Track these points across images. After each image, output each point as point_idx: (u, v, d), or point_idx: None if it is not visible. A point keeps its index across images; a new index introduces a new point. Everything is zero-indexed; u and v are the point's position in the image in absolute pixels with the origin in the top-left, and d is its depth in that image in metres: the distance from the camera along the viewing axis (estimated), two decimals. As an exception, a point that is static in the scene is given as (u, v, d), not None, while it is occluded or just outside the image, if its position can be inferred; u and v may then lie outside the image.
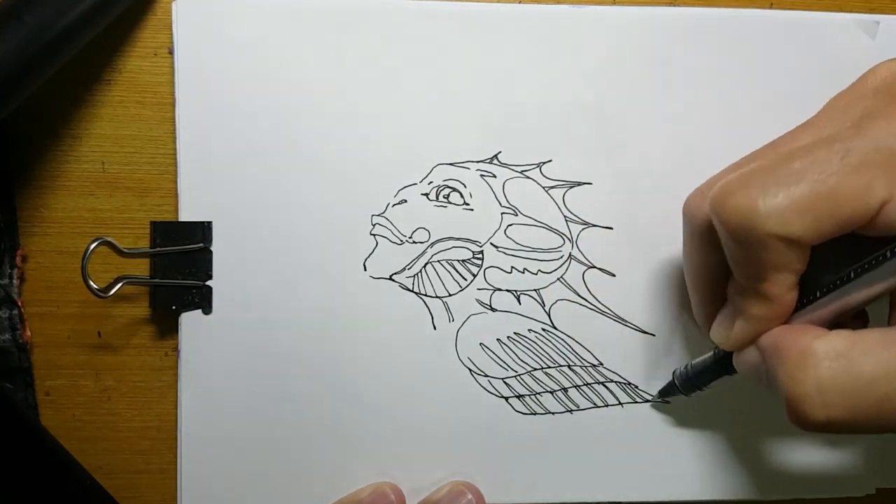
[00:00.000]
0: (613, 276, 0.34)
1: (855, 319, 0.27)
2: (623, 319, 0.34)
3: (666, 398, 0.33)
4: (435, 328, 0.33)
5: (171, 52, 0.32)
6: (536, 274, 0.33)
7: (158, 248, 0.32)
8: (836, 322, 0.26)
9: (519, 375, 0.33)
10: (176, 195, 0.33)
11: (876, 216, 0.23)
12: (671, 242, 0.33)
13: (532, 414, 0.33)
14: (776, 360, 0.25)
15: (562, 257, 0.33)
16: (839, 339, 0.24)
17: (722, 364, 0.29)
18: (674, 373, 0.33)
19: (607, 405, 0.34)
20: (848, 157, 0.23)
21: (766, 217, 0.23)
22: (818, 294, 0.25)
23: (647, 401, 0.34)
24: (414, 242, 0.33)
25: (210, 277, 0.33)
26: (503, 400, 0.33)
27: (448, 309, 0.33)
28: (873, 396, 0.23)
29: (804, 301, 0.26)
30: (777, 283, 0.25)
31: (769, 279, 0.25)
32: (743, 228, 0.23)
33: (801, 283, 0.25)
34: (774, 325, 0.26)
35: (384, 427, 0.33)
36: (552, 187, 0.33)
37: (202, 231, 0.32)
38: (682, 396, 0.33)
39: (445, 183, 0.33)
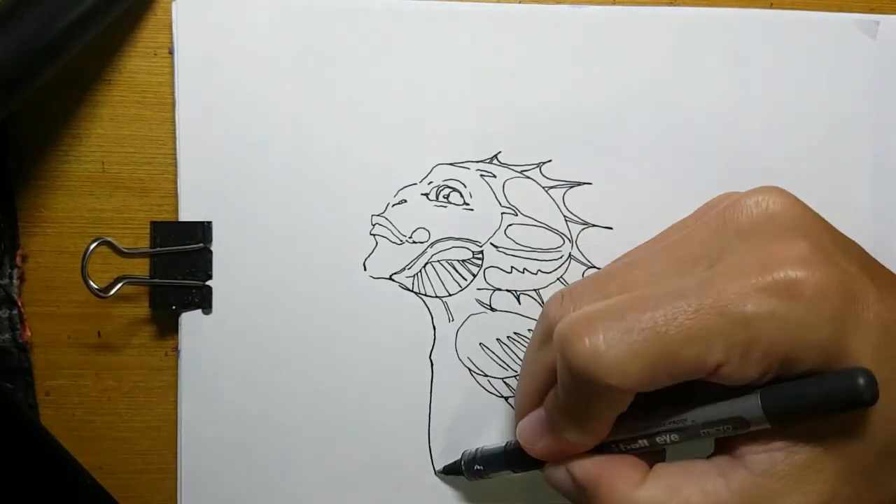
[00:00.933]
0: (613, 276, 0.34)
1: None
2: (623, 319, 0.34)
3: (450, 474, 0.33)
4: (435, 328, 0.33)
5: (171, 52, 0.32)
6: (536, 274, 0.33)
7: (158, 248, 0.32)
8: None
9: (519, 375, 0.33)
10: (176, 195, 0.33)
11: (710, 375, 0.23)
12: (671, 242, 0.34)
13: (532, 414, 0.33)
14: (595, 500, 0.26)
15: (562, 257, 0.33)
16: (659, 489, 0.25)
17: (512, 460, 0.30)
18: (463, 453, 0.32)
19: (607, 405, 0.34)
20: (694, 319, 0.23)
21: (607, 370, 0.23)
22: (643, 443, 0.26)
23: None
24: (414, 242, 0.33)
25: (210, 277, 0.33)
26: (503, 400, 0.33)
27: (448, 309, 0.33)
28: None
29: (622, 431, 0.26)
30: (600, 421, 0.25)
31: (594, 418, 0.25)
32: (584, 375, 0.24)
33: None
34: (584, 450, 0.26)
35: (384, 427, 0.33)
36: (552, 187, 0.33)
37: (202, 231, 0.32)
38: (463, 478, 0.32)
39: (445, 183, 0.33)
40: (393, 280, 0.33)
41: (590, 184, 0.33)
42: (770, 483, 0.23)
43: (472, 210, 0.33)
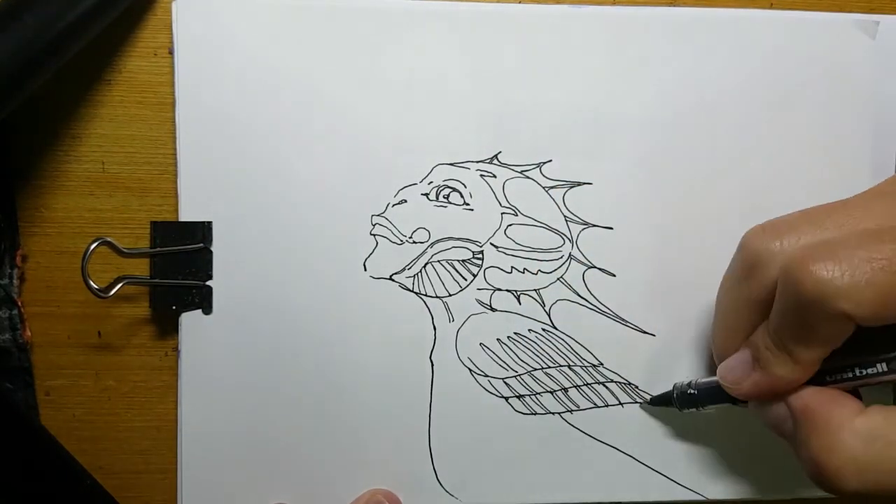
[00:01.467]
0: (613, 276, 0.34)
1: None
2: (623, 319, 0.34)
3: (658, 405, 0.33)
4: (435, 328, 0.33)
5: (171, 52, 0.32)
6: (536, 274, 0.33)
7: (158, 248, 0.32)
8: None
9: (519, 375, 0.33)
10: (176, 195, 0.33)
11: None
12: (671, 242, 0.34)
13: (532, 414, 0.33)
14: (809, 428, 0.26)
15: (562, 257, 0.33)
16: (876, 420, 0.25)
17: (731, 396, 0.29)
18: (674, 385, 0.33)
19: (607, 405, 0.34)
20: None
21: (844, 296, 0.24)
22: (856, 372, 0.26)
23: (638, 402, 0.34)
24: (414, 242, 0.33)
25: (210, 277, 0.33)
26: (503, 400, 0.33)
27: (448, 309, 0.33)
28: None
29: (835, 369, 0.26)
30: (813, 351, 0.26)
31: (811, 347, 0.25)
32: (816, 299, 0.24)
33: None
34: (792, 387, 0.27)
35: (384, 427, 0.33)
36: (552, 187, 0.33)
37: (202, 231, 0.32)
38: (673, 409, 0.32)
39: (445, 183, 0.33)
40: (393, 280, 0.33)
41: (590, 184, 0.33)
42: None
43: (472, 210, 0.33)
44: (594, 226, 0.34)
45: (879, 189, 0.28)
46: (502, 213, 0.33)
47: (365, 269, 0.33)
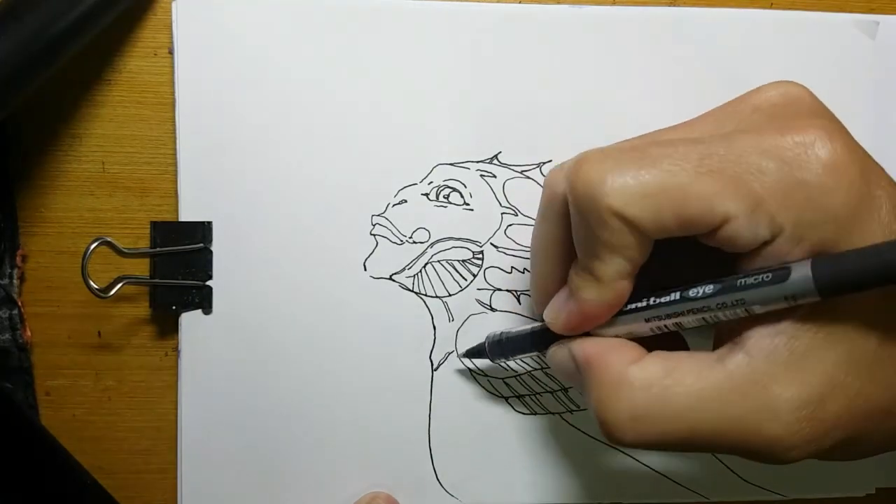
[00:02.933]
0: (613, 276, 0.33)
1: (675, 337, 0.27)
2: (623, 319, 0.34)
3: (472, 358, 0.33)
4: (435, 328, 0.33)
5: (171, 52, 0.32)
6: (536, 274, 0.33)
7: (158, 248, 0.32)
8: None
9: (519, 375, 0.33)
10: (176, 195, 0.33)
11: (718, 229, 0.23)
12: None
13: (532, 414, 0.34)
14: (589, 378, 0.25)
15: (562, 257, 0.33)
16: (653, 367, 0.24)
17: (535, 341, 0.29)
18: (487, 336, 0.32)
19: (607, 405, 0.34)
20: (707, 160, 0.22)
21: (610, 192, 0.23)
22: (648, 301, 0.25)
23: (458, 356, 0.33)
24: (414, 242, 0.33)
25: (210, 277, 0.33)
26: (503, 400, 0.33)
27: (448, 309, 0.33)
28: (683, 426, 0.23)
29: (637, 305, 0.25)
30: (610, 265, 0.24)
31: (603, 259, 0.24)
32: (587, 198, 0.23)
33: (640, 287, 0.25)
34: (604, 312, 0.25)
35: (384, 427, 0.33)
36: (552, 187, 0.33)
37: (202, 231, 0.32)
38: (486, 361, 0.32)
39: (445, 183, 0.33)
40: (393, 280, 0.33)
41: (590, 184, 0.33)
42: (767, 368, 0.23)
43: (472, 210, 0.33)
44: (594, 226, 0.33)
45: (685, 122, 0.27)
46: (502, 213, 0.33)
47: (365, 269, 0.33)
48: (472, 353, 0.33)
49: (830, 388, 0.23)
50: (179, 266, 0.32)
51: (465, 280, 0.33)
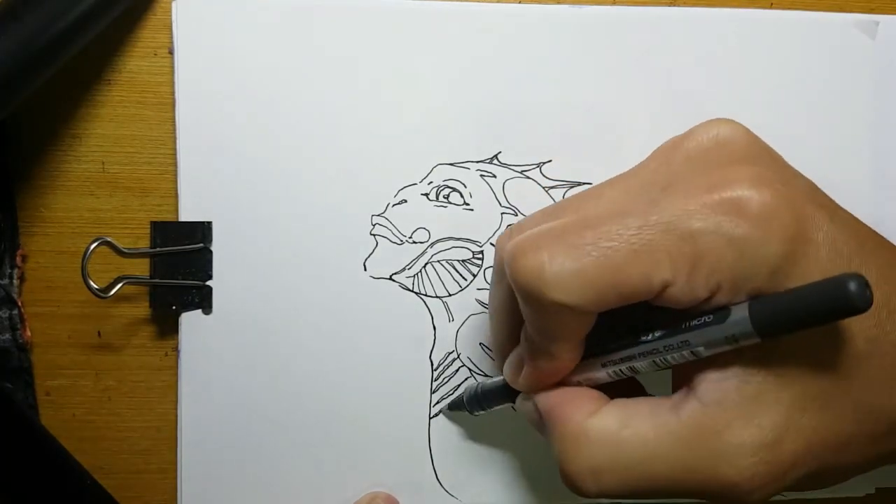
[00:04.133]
0: (613, 276, 0.33)
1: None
2: (623, 319, 0.34)
3: (454, 410, 0.33)
4: (435, 328, 0.33)
5: (171, 52, 0.32)
6: (536, 274, 0.33)
7: (158, 248, 0.32)
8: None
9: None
10: (176, 195, 0.33)
11: (659, 295, 0.23)
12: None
13: (532, 414, 0.33)
14: (552, 431, 0.26)
15: (562, 257, 0.33)
16: (610, 419, 0.24)
17: (508, 393, 0.29)
18: (465, 389, 0.32)
19: (607, 405, 0.34)
20: (639, 235, 0.23)
21: (551, 285, 0.23)
22: (604, 347, 0.26)
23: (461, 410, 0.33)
24: (414, 242, 0.33)
25: (210, 277, 0.33)
26: (503, 400, 0.33)
27: (448, 309, 0.33)
28: (642, 476, 0.24)
29: (594, 351, 0.26)
30: (559, 344, 0.25)
31: (555, 340, 0.25)
32: (530, 292, 0.23)
33: (596, 333, 0.25)
34: (559, 375, 0.26)
35: (384, 427, 0.33)
36: (552, 187, 0.33)
37: (202, 231, 0.32)
38: (466, 413, 0.32)
39: (445, 183, 0.33)
40: (393, 280, 0.33)
41: (590, 184, 0.33)
42: (719, 414, 0.23)
43: (472, 210, 0.33)
44: (594, 226, 0.33)
45: (620, 177, 0.27)
46: (502, 213, 0.33)
47: (365, 269, 0.33)
48: (454, 406, 0.33)
49: (785, 430, 0.23)
50: (179, 266, 0.32)
51: (465, 280, 0.33)
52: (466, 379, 0.33)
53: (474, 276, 0.33)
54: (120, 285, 0.32)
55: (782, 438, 0.23)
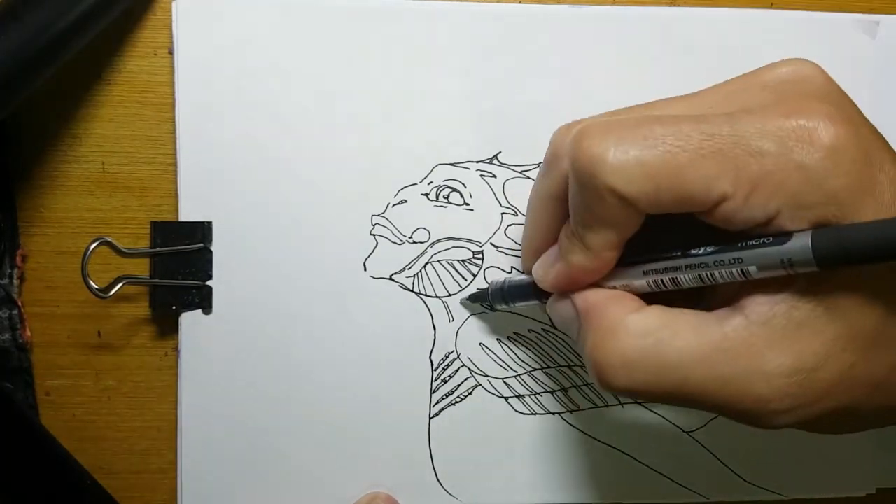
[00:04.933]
0: (613, 276, 0.34)
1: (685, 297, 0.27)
2: (623, 319, 0.34)
3: (472, 303, 0.33)
4: (435, 328, 0.33)
5: (171, 52, 0.32)
6: (536, 274, 0.33)
7: (158, 248, 0.32)
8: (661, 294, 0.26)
9: (519, 375, 0.33)
10: (176, 195, 0.33)
11: (714, 207, 0.23)
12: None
13: (532, 414, 0.34)
14: (587, 324, 0.25)
15: (562, 257, 0.33)
16: (651, 318, 0.24)
17: (537, 290, 0.29)
18: (489, 283, 0.32)
19: (607, 405, 0.34)
20: (709, 141, 0.23)
21: (610, 170, 0.23)
22: (644, 260, 0.25)
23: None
24: (414, 242, 0.33)
25: (210, 277, 0.33)
26: (503, 400, 0.33)
27: (448, 309, 0.33)
28: (673, 378, 0.24)
29: (634, 260, 0.26)
30: (601, 236, 0.25)
31: (595, 230, 0.25)
32: (587, 173, 0.23)
33: (636, 244, 0.25)
34: (591, 277, 0.26)
35: (384, 427, 0.33)
36: (552, 187, 0.33)
37: (202, 231, 0.32)
38: (486, 307, 0.33)
39: (445, 183, 0.33)
40: (393, 280, 0.33)
41: (590, 184, 0.33)
42: (764, 333, 0.23)
43: (472, 210, 0.33)
44: (594, 226, 0.33)
45: (693, 94, 0.27)
46: (502, 213, 0.33)
47: (365, 269, 0.33)
48: (475, 297, 0.33)
49: (824, 360, 0.23)
50: (179, 266, 0.32)
51: (465, 280, 0.33)
52: (466, 379, 0.33)
53: (474, 276, 0.33)
54: (120, 285, 0.32)
55: (819, 367, 0.23)
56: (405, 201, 0.33)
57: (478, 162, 0.33)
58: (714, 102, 0.26)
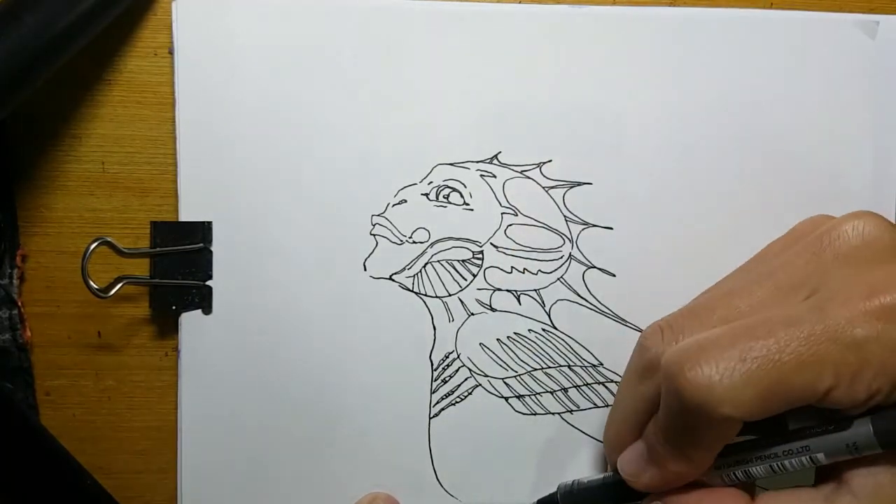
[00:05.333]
0: (613, 276, 0.34)
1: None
2: (623, 319, 0.34)
3: None
4: (435, 328, 0.33)
5: (171, 52, 0.32)
6: (536, 274, 0.33)
7: (158, 248, 0.32)
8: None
9: (519, 375, 0.33)
10: (176, 195, 0.33)
11: (821, 400, 0.24)
12: (671, 242, 0.33)
13: (532, 414, 0.33)
14: None
15: (562, 257, 0.33)
16: None
17: (616, 494, 0.29)
18: (558, 486, 0.31)
19: (607, 405, 0.34)
20: (805, 345, 0.23)
21: (720, 400, 0.23)
22: (743, 461, 0.26)
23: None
24: (414, 242, 0.33)
25: (210, 277, 0.33)
26: (503, 400, 0.33)
27: (448, 309, 0.33)
28: None
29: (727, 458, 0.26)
30: (706, 450, 0.25)
31: (701, 448, 0.25)
32: (695, 404, 0.24)
33: None
34: (685, 480, 0.27)
35: (384, 427, 0.33)
36: (552, 187, 0.33)
37: (202, 231, 0.32)
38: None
39: (445, 183, 0.33)
40: (393, 280, 0.33)
41: (590, 184, 0.33)
42: None
43: (472, 210, 0.33)
44: (594, 226, 0.34)
45: (766, 267, 0.28)
46: (502, 213, 0.33)
47: (365, 269, 0.33)
48: (544, 503, 0.32)
49: None
50: (179, 266, 0.32)
51: (465, 280, 0.33)
52: (466, 379, 0.33)
53: (474, 276, 0.33)
54: (120, 285, 0.32)
55: None
56: (405, 201, 0.33)
57: (478, 162, 0.33)
58: (791, 283, 0.26)
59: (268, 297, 0.33)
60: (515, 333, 0.33)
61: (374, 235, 0.33)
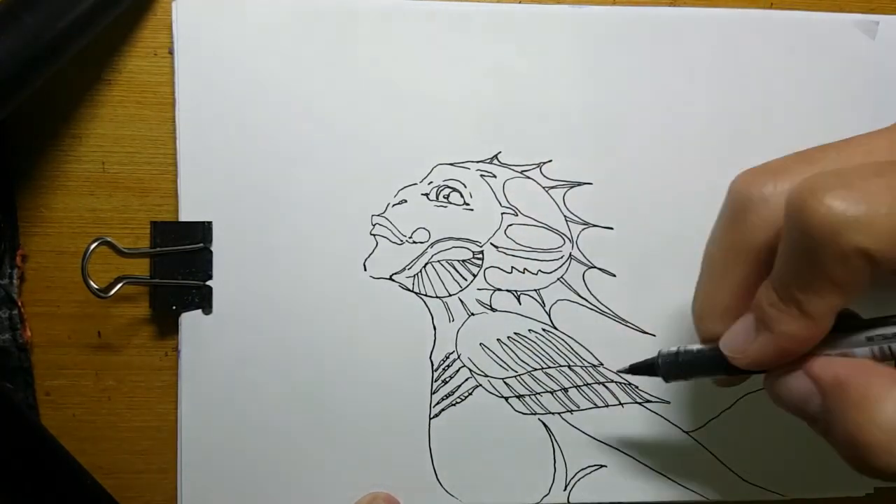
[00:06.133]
0: (613, 276, 0.34)
1: None
2: (623, 319, 0.34)
3: (637, 374, 0.30)
4: (435, 328, 0.33)
5: (171, 52, 0.32)
6: (536, 274, 0.33)
7: (158, 248, 0.32)
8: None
9: (519, 375, 0.33)
10: (176, 195, 0.33)
11: None
12: (671, 242, 0.34)
13: (532, 414, 0.34)
14: (844, 402, 0.22)
15: (562, 257, 0.33)
16: None
17: (722, 363, 0.27)
18: (659, 352, 0.29)
19: (607, 405, 0.34)
20: None
21: (858, 228, 0.21)
22: (865, 325, 0.23)
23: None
24: (414, 242, 0.33)
25: (210, 277, 0.33)
26: (503, 400, 0.33)
27: (448, 309, 0.33)
28: None
29: (847, 326, 0.23)
30: (826, 301, 0.22)
31: (820, 293, 0.22)
32: (827, 233, 0.21)
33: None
34: (802, 349, 0.23)
35: (384, 427, 0.33)
36: (552, 187, 0.33)
37: (202, 231, 0.32)
38: (655, 378, 0.29)
39: (445, 183, 0.33)
40: (393, 280, 0.33)
41: (590, 184, 0.33)
42: None
43: (472, 210, 0.33)
44: (594, 226, 0.34)
45: (877, 130, 0.25)
46: (502, 213, 0.33)
47: (365, 269, 0.33)
48: (638, 368, 0.29)
49: None
50: (179, 266, 0.32)
51: (465, 280, 0.33)
52: (467, 379, 0.33)
53: (474, 276, 0.33)
54: (120, 285, 0.32)
55: None
56: (405, 201, 0.33)
57: (478, 162, 0.33)
58: None
59: (268, 297, 0.33)
60: (515, 333, 0.33)
61: (374, 235, 0.33)
